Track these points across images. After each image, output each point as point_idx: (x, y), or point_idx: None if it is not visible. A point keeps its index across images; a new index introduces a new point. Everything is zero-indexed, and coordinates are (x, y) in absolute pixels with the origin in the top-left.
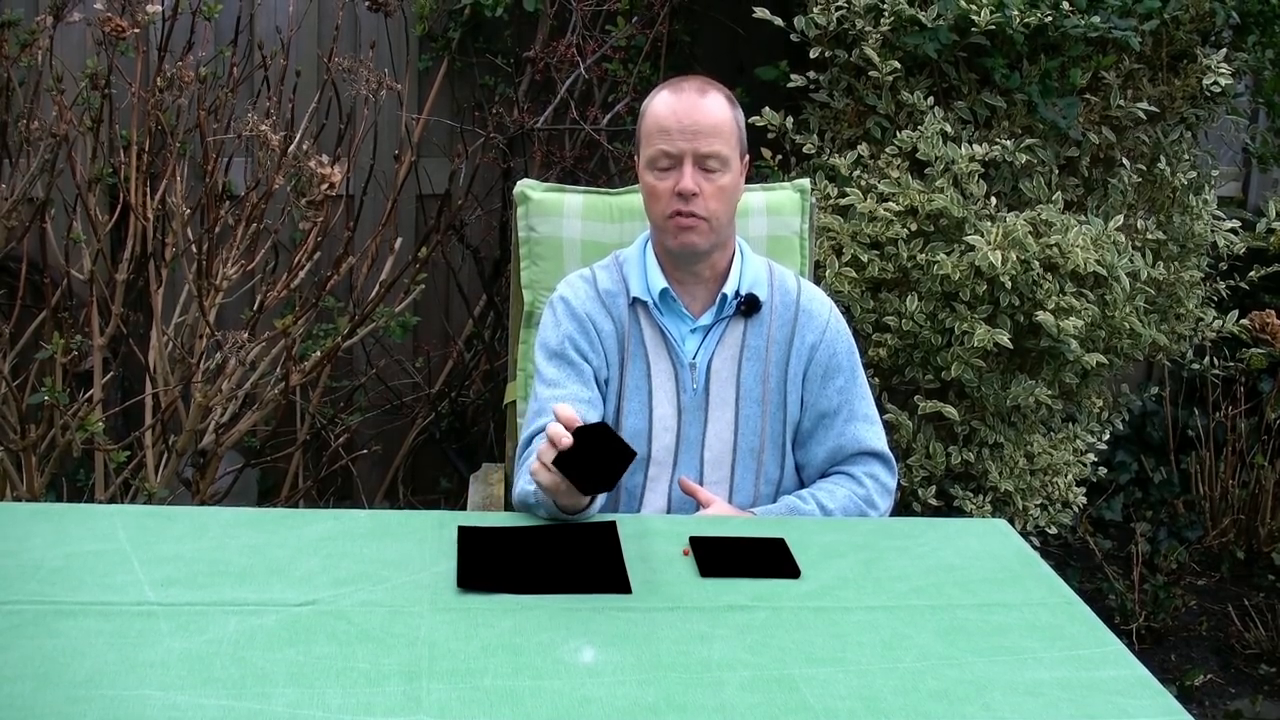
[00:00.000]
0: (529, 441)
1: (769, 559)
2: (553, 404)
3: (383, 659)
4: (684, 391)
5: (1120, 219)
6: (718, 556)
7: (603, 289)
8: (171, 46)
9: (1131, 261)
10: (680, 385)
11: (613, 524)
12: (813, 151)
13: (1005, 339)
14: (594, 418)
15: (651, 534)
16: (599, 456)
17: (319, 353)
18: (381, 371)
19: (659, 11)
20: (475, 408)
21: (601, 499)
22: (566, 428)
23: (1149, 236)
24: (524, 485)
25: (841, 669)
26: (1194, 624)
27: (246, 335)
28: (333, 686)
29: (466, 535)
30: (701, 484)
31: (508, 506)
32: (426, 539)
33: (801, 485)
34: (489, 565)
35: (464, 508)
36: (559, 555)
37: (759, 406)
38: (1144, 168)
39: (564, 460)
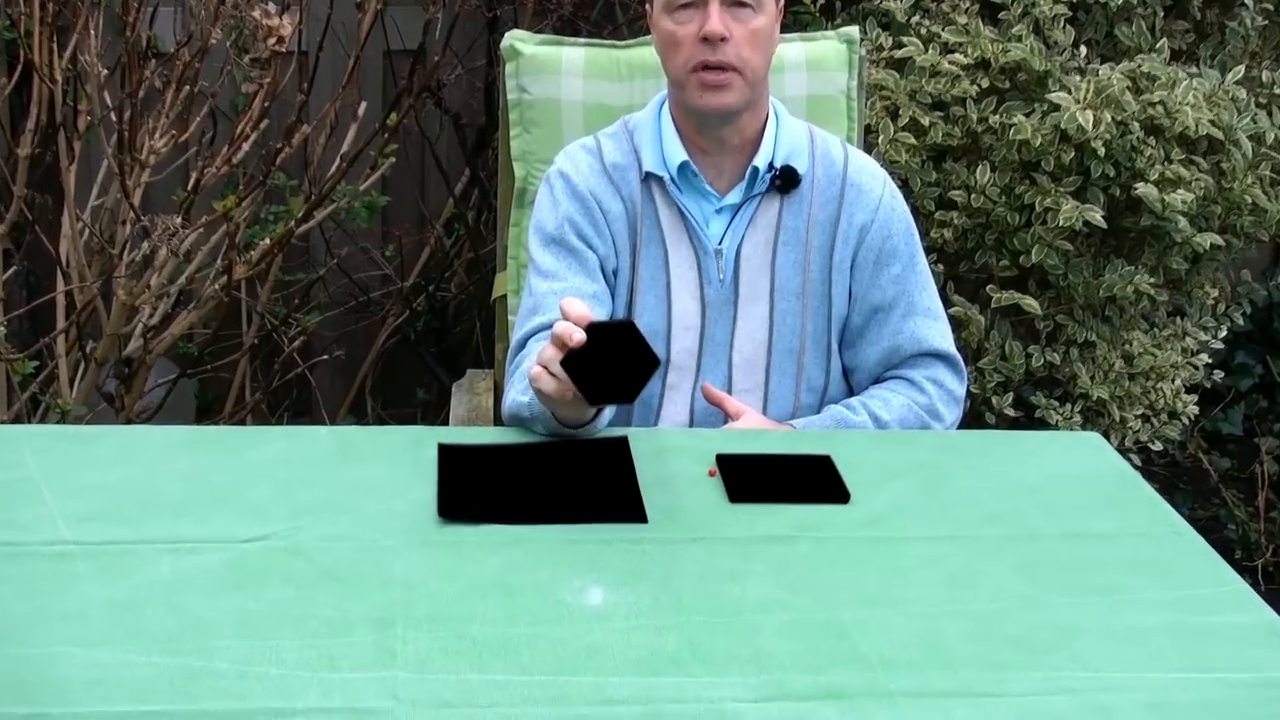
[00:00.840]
0: (523, 344)
1: (812, 481)
2: (553, 298)
3: (349, 604)
4: (708, 283)
5: (1240, 70)
6: (750, 478)
7: (609, 162)
8: None
9: (1254, 122)
10: (704, 276)
11: (624, 440)
12: None
13: (1098, 217)
14: (601, 316)
15: (671, 451)
16: (616, 361)
17: (268, 240)
18: (344, 262)
19: None
20: (457, 304)
21: (610, 411)
22: (577, 325)
23: (1276, 91)
24: (517, 395)
25: (900, 611)
26: None
27: (180, 220)
28: (289, 638)
29: (449, 455)
30: (730, 392)
31: (497, 421)
32: (400, 460)
33: (851, 393)
34: (476, 491)
35: (445, 423)
36: (560, 478)
37: (798, 300)
38: (1270, 7)
39: (573, 363)
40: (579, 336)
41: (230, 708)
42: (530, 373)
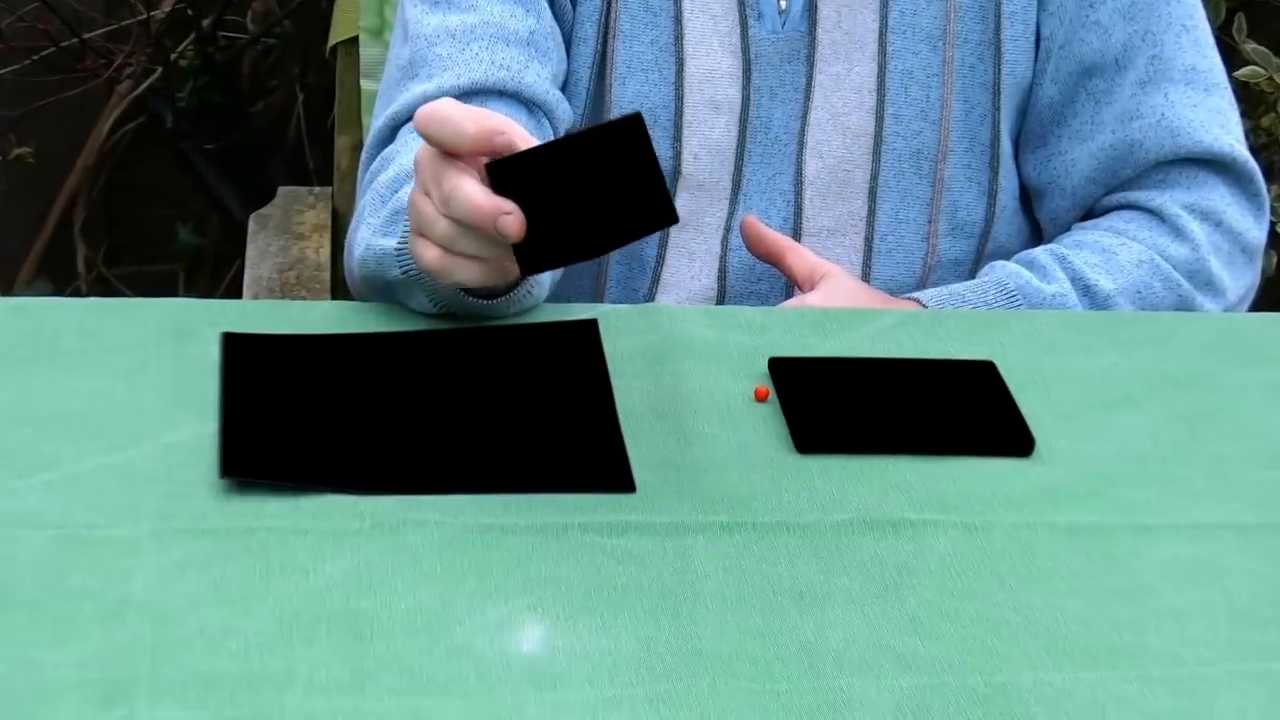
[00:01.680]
0: (390, 134)
1: (959, 412)
2: (450, 46)
3: (42, 653)
4: (756, 20)
5: None
6: (835, 406)
7: None
8: None
9: None
10: (747, 5)
11: (592, 328)
12: None
13: None
14: (539, 84)
15: (682, 350)
16: (588, 198)
17: None
18: None
19: None
20: (260, 57)
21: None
22: (494, 169)
23: None
24: (375, 237)
25: (1138, 673)
26: None
27: None
28: None
29: (241, 357)
30: (799, 235)
31: (338, 289)
32: (145, 365)
33: (1036, 239)
34: (295, 428)
35: (235, 293)
36: (463, 404)
37: (934, 53)
38: None
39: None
40: (511, 228)
41: None
42: (414, 248)
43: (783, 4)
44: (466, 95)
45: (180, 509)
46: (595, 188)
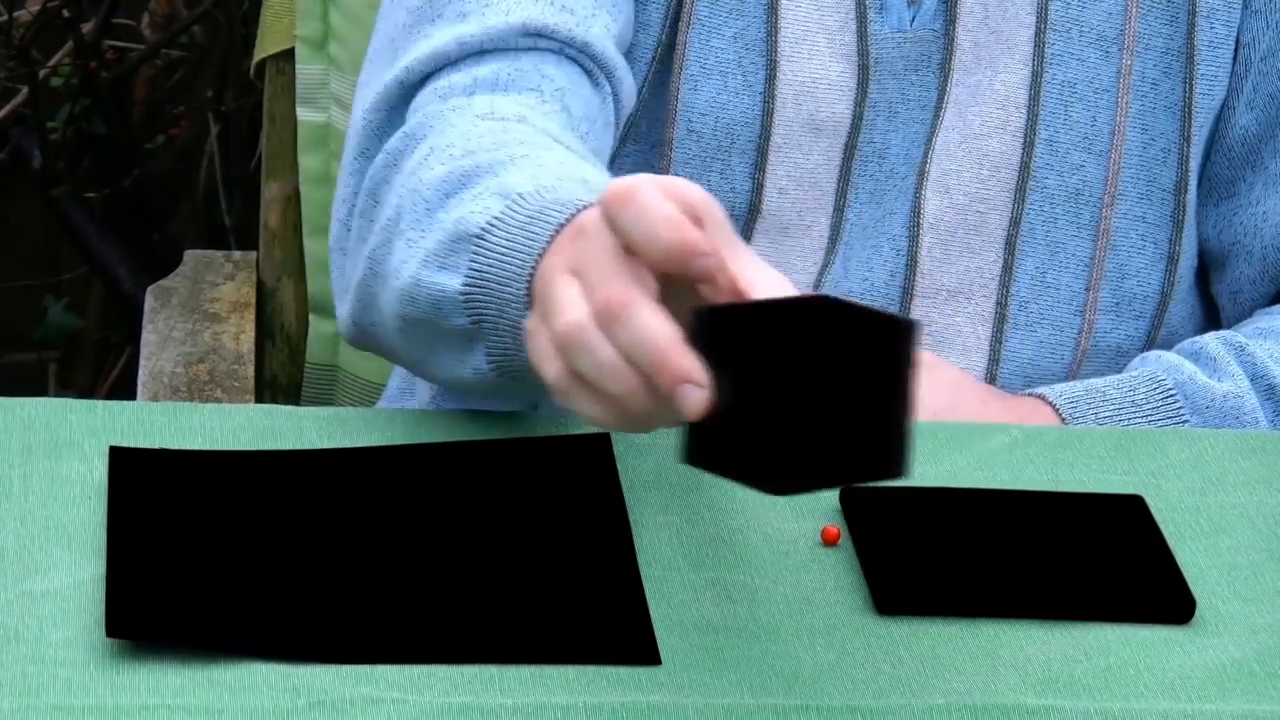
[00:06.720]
0: (401, 99)
1: (1093, 565)
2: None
3: None
4: (877, 11)
5: None
6: (928, 552)
7: None
8: None
9: None
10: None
11: (603, 441)
12: None
13: None
14: (606, 41)
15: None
16: (810, 403)
17: None
18: None
19: None
20: (155, 80)
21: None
22: (703, 320)
23: None
24: (428, 273)
25: None
26: None
27: None
28: None
29: (134, 478)
30: (909, 297)
31: (264, 389)
32: (5, 488)
33: (1211, 326)
34: (206, 573)
35: (128, 391)
36: (431, 546)
37: (1109, 59)
38: None
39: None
40: (691, 404)
41: None
42: (533, 344)
43: None
44: (514, 41)
45: (52, 680)
46: (825, 392)
